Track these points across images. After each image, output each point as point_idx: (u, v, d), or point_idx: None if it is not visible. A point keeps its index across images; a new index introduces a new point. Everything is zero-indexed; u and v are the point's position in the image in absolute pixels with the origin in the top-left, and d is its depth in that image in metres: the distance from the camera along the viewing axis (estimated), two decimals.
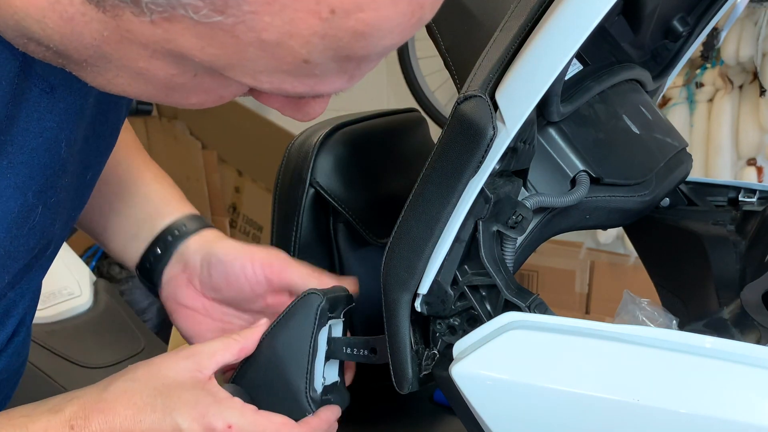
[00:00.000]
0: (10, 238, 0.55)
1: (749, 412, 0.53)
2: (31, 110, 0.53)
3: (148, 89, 0.46)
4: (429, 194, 0.61)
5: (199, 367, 0.64)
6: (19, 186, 0.54)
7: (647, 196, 0.78)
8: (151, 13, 0.38)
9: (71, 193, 0.63)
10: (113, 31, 0.41)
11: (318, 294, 0.68)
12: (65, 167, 0.59)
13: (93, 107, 0.60)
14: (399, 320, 0.65)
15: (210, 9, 0.37)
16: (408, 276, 0.63)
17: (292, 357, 0.68)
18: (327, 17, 0.38)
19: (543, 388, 0.58)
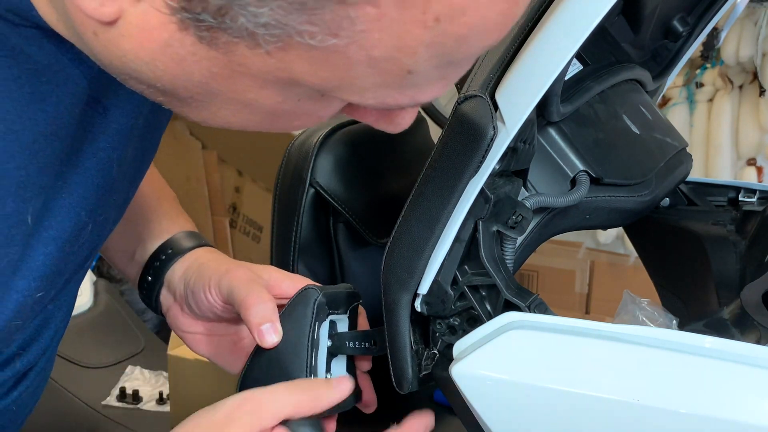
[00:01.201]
0: (62, 256, 0.56)
1: (749, 412, 0.53)
2: (86, 131, 0.54)
3: (254, 118, 0.47)
4: (429, 194, 0.62)
5: (262, 425, 0.60)
6: (74, 205, 0.56)
7: (647, 196, 0.78)
8: (267, 44, 0.39)
9: (117, 210, 0.65)
10: (224, 66, 0.42)
11: (315, 289, 0.68)
12: (115, 186, 0.60)
13: (142, 127, 0.61)
14: (399, 320, 0.65)
15: (325, 33, 0.38)
16: (408, 276, 0.64)
17: (292, 352, 0.67)
18: (432, 25, 0.38)
19: (543, 388, 0.58)
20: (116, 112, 0.56)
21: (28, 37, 0.47)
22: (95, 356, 1.68)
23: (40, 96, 0.49)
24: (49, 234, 0.55)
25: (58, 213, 0.54)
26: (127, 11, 0.40)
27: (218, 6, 0.38)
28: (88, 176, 0.56)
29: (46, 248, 0.55)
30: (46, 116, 0.49)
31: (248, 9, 0.37)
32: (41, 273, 0.55)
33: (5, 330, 0.55)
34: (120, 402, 1.59)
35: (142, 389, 1.63)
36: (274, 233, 0.93)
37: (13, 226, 0.51)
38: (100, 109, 0.54)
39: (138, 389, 1.62)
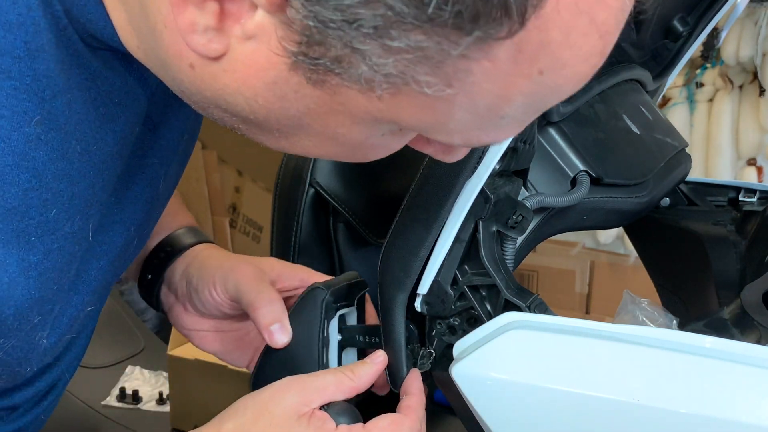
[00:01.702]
0: (112, 270, 0.58)
1: (749, 412, 0.53)
2: (137, 147, 0.55)
3: (333, 150, 0.48)
4: (426, 195, 0.62)
5: (307, 401, 0.62)
6: (125, 221, 0.57)
7: (645, 197, 0.78)
8: (381, 89, 0.40)
9: (156, 222, 0.66)
10: (324, 104, 0.43)
11: (321, 288, 0.68)
12: (160, 199, 0.62)
13: (185, 144, 0.63)
14: (394, 319, 0.65)
15: (442, 84, 0.39)
16: (404, 275, 0.64)
17: (304, 351, 0.68)
18: (536, 77, 0.40)
19: (543, 388, 0.58)
20: (164, 129, 0.57)
21: (105, 60, 0.48)
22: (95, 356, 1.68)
23: (111, 117, 0.50)
24: (102, 249, 0.56)
25: (111, 228, 0.56)
26: (234, 48, 0.41)
27: (339, 54, 0.39)
28: (138, 192, 0.57)
29: (99, 263, 0.56)
30: (115, 137, 0.51)
31: (372, 59, 0.38)
32: (93, 287, 0.56)
33: (59, 344, 0.56)
34: (120, 402, 1.59)
35: (141, 389, 1.63)
36: (274, 233, 0.93)
37: (77, 242, 0.52)
38: (150, 125, 0.56)
39: (138, 389, 1.62)
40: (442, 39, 0.37)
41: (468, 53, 0.38)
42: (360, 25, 0.37)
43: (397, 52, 0.38)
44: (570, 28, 0.39)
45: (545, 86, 0.41)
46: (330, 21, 0.37)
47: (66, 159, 0.48)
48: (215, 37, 0.41)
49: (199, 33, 0.41)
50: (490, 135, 0.45)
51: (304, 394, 0.62)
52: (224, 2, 0.40)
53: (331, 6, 0.36)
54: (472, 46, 0.37)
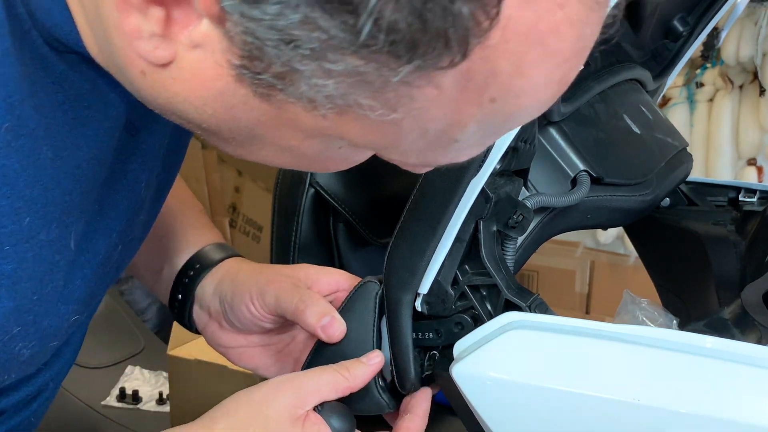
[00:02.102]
0: (96, 278, 0.57)
1: (750, 412, 0.53)
2: (118, 153, 0.54)
3: (291, 161, 0.48)
4: (431, 195, 0.61)
5: (301, 403, 0.61)
6: (107, 228, 0.56)
7: (648, 195, 0.78)
8: (324, 109, 0.40)
9: (143, 229, 0.65)
10: (273, 118, 0.42)
11: (375, 282, 0.67)
12: (143, 205, 0.60)
13: (167, 146, 0.61)
14: (402, 320, 0.65)
15: (385, 108, 0.39)
16: (410, 276, 0.63)
17: (357, 349, 0.66)
18: (487, 105, 0.39)
19: (543, 387, 0.58)
20: (145, 133, 0.57)
21: (72, 63, 0.48)
22: (95, 356, 1.68)
23: (82, 121, 0.49)
24: (86, 258, 0.55)
25: (93, 236, 0.55)
26: (181, 56, 0.40)
27: (281, 71, 0.38)
28: (120, 198, 0.56)
29: (83, 272, 0.55)
30: (87, 141, 0.50)
31: (312, 80, 0.38)
32: (78, 296, 0.55)
33: (41, 354, 0.55)
34: (120, 402, 1.59)
35: (141, 389, 1.63)
36: (274, 233, 0.93)
37: (57, 252, 0.51)
38: (132, 131, 0.55)
39: (138, 389, 1.62)
40: (380, 65, 0.36)
41: (410, 80, 0.37)
42: (297, 46, 0.36)
43: (336, 75, 0.37)
44: (521, 58, 0.37)
45: (500, 113, 0.40)
46: (267, 39, 0.36)
47: (37, 166, 0.46)
48: (161, 43, 0.40)
49: (144, 39, 0.40)
50: (447, 157, 0.45)
51: (298, 395, 0.61)
52: (170, 9, 0.38)
53: (266, 25, 0.36)
54: (413, 73, 0.37)
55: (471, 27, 0.35)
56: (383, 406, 0.67)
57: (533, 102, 0.41)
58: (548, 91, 0.41)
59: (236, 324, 0.73)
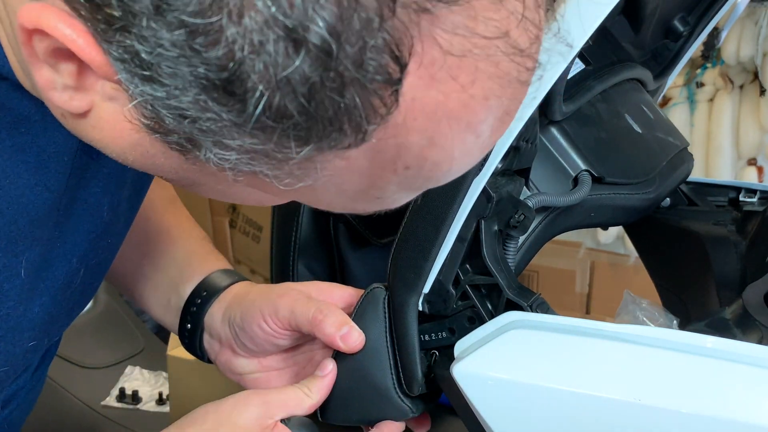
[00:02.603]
0: (55, 303, 0.56)
1: (751, 412, 0.53)
2: (81, 178, 0.54)
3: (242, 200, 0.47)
4: (434, 195, 0.61)
5: (269, 415, 0.63)
6: (66, 254, 0.55)
7: (651, 193, 0.78)
8: (234, 174, 0.39)
9: (110, 253, 0.64)
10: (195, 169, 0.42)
11: (381, 288, 0.66)
12: (108, 230, 0.59)
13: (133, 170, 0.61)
14: (407, 322, 0.65)
15: (293, 179, 0.38)
16: (415, 277, 0.63)
17: (372, 358, 0.66)
18: (402, 172, 0.39)
19: (544, 387, 0.58)
20: (107, 157, 0.56)
21: (7, 89, 0.46)
22: (95, 356, 1.68)
23: (20, 147, 0.48)
24: (45, 285, 0.54)
25: (53, 263, 0.54)
26: (98, 105, 0.40)
27: (187, 137, 0.37)
28: (80, 223, 0.55)
29: (41, 299, 0.54)
30: (28, 167, 0.48)
31: (215, 150, 0.37)
32: (35, 323, 0.55)
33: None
34: (119, 402, 1.59)
35: (141, 389, 1.63)
36: (274, 233, 0.93)
37: (5, 280, 0.50)
38: (92, 153, 0.53)
39: (137, 389, 1.62)
40: (279, 145, 0.36)
41: (313, 156, 0.36)
42: (194, 121, 0.36)
43: (236, 149, 0.37)
44: (432, 133, 0.37)
45: (417, 178, 0.40)
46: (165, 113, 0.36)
47: None
48: (76, 95, 0.39)
49: (58, 91, 0.39)
50: (374, 207, 0.44)
51: (266, 407, 0.62)
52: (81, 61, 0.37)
53: (161, 101, 0.35)
54: (314, 151, 0.36)
55: (366, 115, 0.34)
56: (406, 411, 0.66)
57: (452, 168, 0.40)
58: (469, 157, 0.40)
59: (250, 346, 0.72)
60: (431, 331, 0.66)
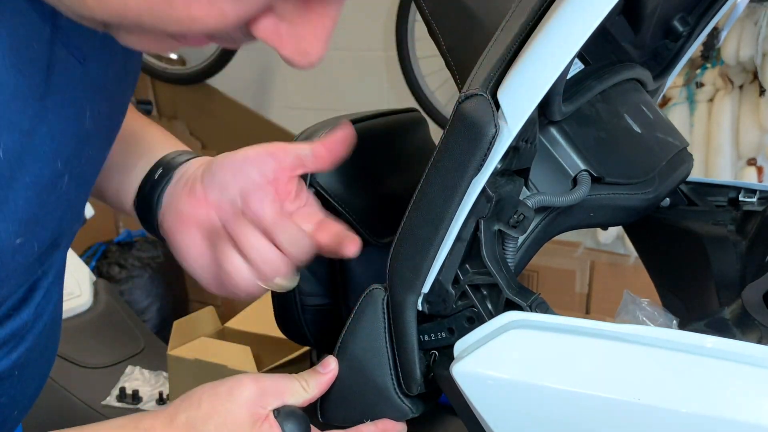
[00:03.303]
0: (40, 203, 0.56)
1: (751, 412, 0.53)
2: (67, 78, 0.54)
3: None
4: (432, 194, 0.61)
5: (263, 402, 0.63)
6: (50, 153, 0.55)
7: (651, 193, 0.78)
8: None
9: (94, 167, 0.64)
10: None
11: (380, 288, 0.67)
12: (89, 138, 0.60)
13: (113, 83, 0.61)
14: (406, 321, 0.65)
15: None
16: (414, 277, 0.63)
17: (372, 358, 0.66)
18: None
19: (544, 387, 0.58)
20: (94, 63, 0.56)
21: None
22: (95, 356, 1.68)
23: None
24: (29, 179, 0.55)
25: (36, 158, 0.54)
26: None
27: None
28: (63, 124, 0.56)
29: (26, 193, 0.55)
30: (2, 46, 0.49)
31: None
32: (20, 217, 0.55)
33: None
34: (120, 402, 1.59)
35: (141, 389, 1.63)
36: None
37: None
38: (80, 57, 0.54)
39: (138, 389, 1.62)
40: None
41: None
42: None
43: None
44: None
45: None
46: None
47: None
48: None
49: None
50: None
51: (261, 395, 0.63)
52: None
53: None
54: None
55: None
56: (406, 412, 0.67)
57: None
58: None
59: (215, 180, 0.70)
60: (430, 331, 0.67)
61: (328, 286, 0.90)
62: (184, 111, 3.11)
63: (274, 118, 2.97)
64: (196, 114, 3.08)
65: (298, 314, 0.89)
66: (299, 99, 2.95)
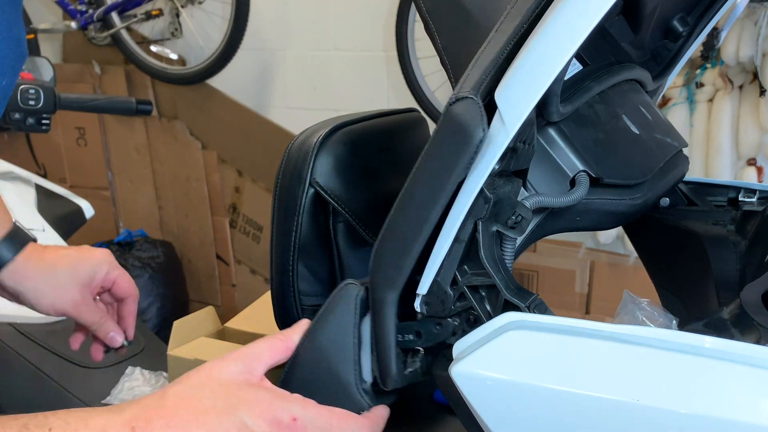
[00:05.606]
0: None
1: (749, 412, 0.53)
2: None
3: None
4: (417, 194, 0.61)
5: (250, 369, 0.64)
6: None
7: (638, 199, 0.78)
8: None
9: None
10: None
11: (355, 284, 0.68)
12: None
13: None
14: (385, 318, 0.65)
15: None
16: (395, 274, 0.63)
17: (337, 351, 0.67)
18: None
19: (543, 388, 0.58)
20: None
21: None
22: None
23: None
24: None
25: None
26: None
27: None
28: None
29: None
30: None
31: None
32: None
33: None
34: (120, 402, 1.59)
35: (142, 389, 1.63)
36: (274, 233, 0.93)
37: None
38: None
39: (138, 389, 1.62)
40: None
41: None
42: None
43: None
44: None
45: None
46: None
47: None
48: None
49: None
50: None
51: (245, 362, 0.64)
52: None
53: None
54: None
55: None
56: (363, 407, 0.68)
57: None
58: None
59: None
60: (401, 331, 0.68)
61: (328, 286, 0.90)
62: (184, 111, 3.11)
63: (274, 118, 2.97)
64: (196, 114, 3.08)
65: (298, 314, 0.89)
66: (299, 99, 2.95)
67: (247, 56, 2.84)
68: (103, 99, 1.71)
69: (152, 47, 3.03)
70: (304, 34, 2.85)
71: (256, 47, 2.86)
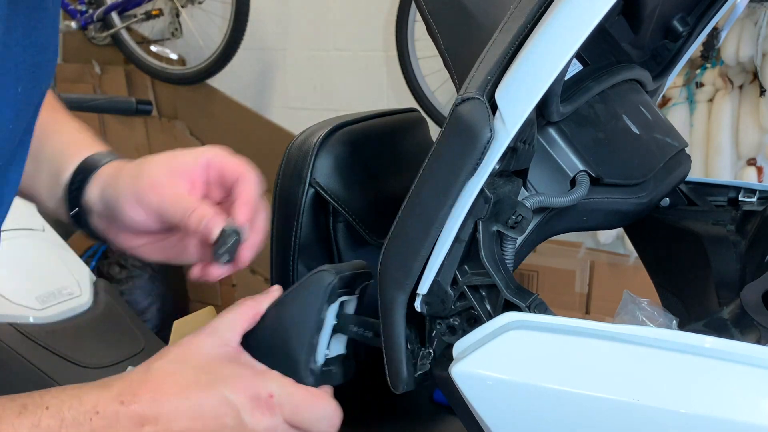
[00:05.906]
0: None
1: (749, 412, 0.53)
2: None
3: None
4: (425, 196, 0.61)
5: (225, 341, 0.66)
6: None
7: (644, 198, 0.78)
8: None
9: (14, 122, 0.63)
10: None
11: (330, 272, 0.69)
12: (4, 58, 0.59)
13: None
14: (395, 320, 0.65)
15: None
16: (404, 276, 0.64)
17: (295, 330, 0.69)
18: None
19: (543, 388, 0.58)
20: None
21: None
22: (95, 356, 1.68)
23: None
24: None
25: None
26: None
27: None
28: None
29: None
30: None
31: None
32: None
33: None
34: None
35: None
36: (274, 233, 0.93)
37: None
38: None
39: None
40: None
41: None
42: None
43: None
44: None
45: None
46: None
47: None
48: None
49: None
50: None
51: (218, 335, 0.66)
52: None
53: None
54: None
55: None
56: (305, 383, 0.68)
57: None
58: None
59: (124, 227, 0.76)
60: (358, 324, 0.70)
61: None
62: (184, 111, 3.11)
63: (274, 118, 2.97)
64: (196, 114, 3.08)
65: None
66: (299, 99, 2.95)
67: (247, 56, 2.84)
68: (103, 99, 1.71)
69: (152, 47, 3.03)
70: (304, 34, 2.85)
71: (256, 47, 2.86)
